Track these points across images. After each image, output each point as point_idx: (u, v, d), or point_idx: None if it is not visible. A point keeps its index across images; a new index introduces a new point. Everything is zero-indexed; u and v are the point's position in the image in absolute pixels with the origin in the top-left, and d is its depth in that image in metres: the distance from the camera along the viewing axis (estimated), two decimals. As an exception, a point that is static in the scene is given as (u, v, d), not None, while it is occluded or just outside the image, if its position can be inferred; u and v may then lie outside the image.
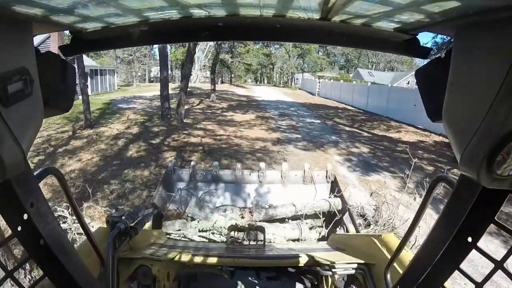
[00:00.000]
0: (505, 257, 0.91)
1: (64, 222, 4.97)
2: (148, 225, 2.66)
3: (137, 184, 8.46)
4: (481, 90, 0.77)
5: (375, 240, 1.98)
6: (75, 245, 1.50)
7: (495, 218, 0.92)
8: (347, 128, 17.29)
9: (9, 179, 0.82)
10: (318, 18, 1.04)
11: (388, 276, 1.41)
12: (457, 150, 0.86)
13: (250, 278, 2.42)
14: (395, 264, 1.42)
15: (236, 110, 22.67)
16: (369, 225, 5.60)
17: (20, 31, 0.83)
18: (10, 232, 0.90)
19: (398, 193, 7.09)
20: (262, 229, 2.64)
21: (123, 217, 1.87)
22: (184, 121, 16.70)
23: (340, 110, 25.09)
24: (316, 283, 2.26)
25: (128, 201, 7.58)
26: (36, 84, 0.85)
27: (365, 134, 15.97)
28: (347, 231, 3.11)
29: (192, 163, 4.22)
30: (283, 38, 1.28)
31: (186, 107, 19.08)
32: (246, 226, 2.76)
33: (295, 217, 3.72)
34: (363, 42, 1.24)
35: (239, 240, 2.69)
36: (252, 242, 2.65)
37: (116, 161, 10.53)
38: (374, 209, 6.20)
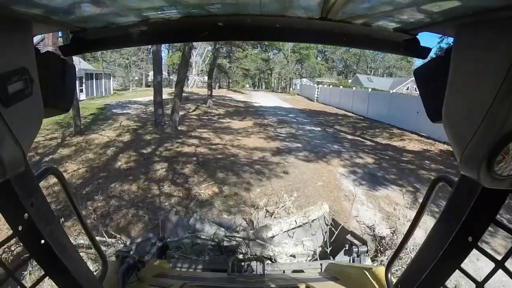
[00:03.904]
0: (506, 257, 0.89)
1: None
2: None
3: (123, 201, 7.70)
4: (481, 90, 0.77)
5: (366, 272, 2.03)
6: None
7: (495, 218, 0.91)
8: (349, 136, 16.64)
9: (9, 179, 0.81)
10: (318, 17, 1.03)
11: (388, 276, 1.41)
12: (457, 150, 0.86)
13: None
14: (395, 264, 1.39)
15: (233, 116, 22.01)
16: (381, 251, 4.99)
17: (20, 31, 0.83)
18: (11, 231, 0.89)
19: (410, 210, 6.44)
20: (261, 260, 2.67)
21: (131, 252, 2.07)
22: (179, 128, 15.98)
23: (340, 117, 24.50)
24: None
25: (112, 222, 6.82)
26: (36, 84, 0.85)
27: (368, 142, 15.31)
28: (351, 245, 2.94)
29: (195, 215, 4.12)
30: (283, 38, 1.29)
31: (181, 113, 18.43)
32: (247, 257, 2.90)
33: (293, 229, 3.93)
34: (363, 42, 1.23)
35: (242, 266, 2.69)
36: (253, 269, 2.67)
37: (103, 173, 9.77)
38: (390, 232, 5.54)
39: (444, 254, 1.02)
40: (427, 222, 1.98)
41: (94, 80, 32.81)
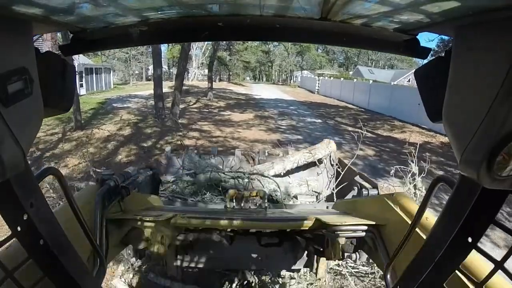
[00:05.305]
0: (505, 257, 0.89)
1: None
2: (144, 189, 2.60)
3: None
4: (481, 90, 0.77)
5: (387, 200, 1.84)
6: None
7: (495, 218, 0.91)
8: (350, 128, 16.56)
9: (8, 179, 0.81)
10: (318, 18, 1.03)
11: (388, 276, 1.41)
12: (457, 150, 0.86)
13: (251, 244, 2.28)
14: (395, 263, 1.41)
15: (234, 109, 21.96)
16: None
17: (20, 31, 0.83)
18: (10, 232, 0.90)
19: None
20: (263, 194, 2.45)
21: (114, 175, 1.81)
22: (179, 121, 15.96)
23: (341, 109, 24.41)
24: (321, 249, 2.13)
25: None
26: (36, 84, 0.85)
27: (369, 134, 15.24)
28: (360, 188, 2.80)
29: (191, 151, 4.02)
30: (283, 38, 1.30)
31: (182, 106, 18.40)
32: (246, 192, 2.65)
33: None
34: (363, 42, 1.23)
35: (241, 204, 2.52)
36: (253, 207, 2.50)
37: (104, 167, 9.78)
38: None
39: (443, 255, 1.01)
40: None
41: (94, 74, 32.70)
